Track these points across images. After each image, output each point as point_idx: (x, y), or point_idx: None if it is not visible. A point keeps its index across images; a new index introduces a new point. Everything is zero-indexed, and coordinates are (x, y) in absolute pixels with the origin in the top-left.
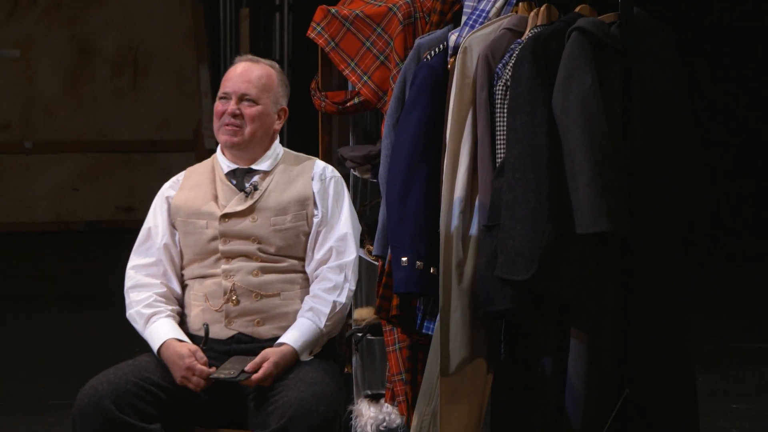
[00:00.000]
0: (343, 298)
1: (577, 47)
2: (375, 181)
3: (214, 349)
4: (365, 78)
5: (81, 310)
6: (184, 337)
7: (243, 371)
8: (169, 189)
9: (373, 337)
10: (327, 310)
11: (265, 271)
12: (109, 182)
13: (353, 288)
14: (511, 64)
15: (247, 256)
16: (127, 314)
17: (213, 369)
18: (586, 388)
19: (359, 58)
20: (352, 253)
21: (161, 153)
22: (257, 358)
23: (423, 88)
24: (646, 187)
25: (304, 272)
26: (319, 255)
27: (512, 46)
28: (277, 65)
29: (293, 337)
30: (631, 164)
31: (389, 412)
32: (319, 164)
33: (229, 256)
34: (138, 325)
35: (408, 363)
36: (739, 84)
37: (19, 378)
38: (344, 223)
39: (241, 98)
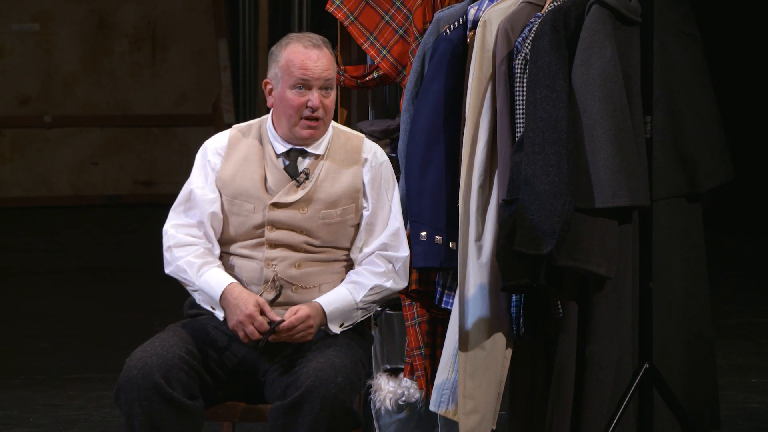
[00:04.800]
0: (388, 284)
1: (597, 20)
2: (394, 155)
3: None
4: (384, 52)
5: (100, 284)
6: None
7: (279, 320)
8: (215, 155)
9: (392, 312)
10: (369, 285)
11: (307, 262)
12: (128, 156)
13: (402, 287)
14: (530, 38)
15: (292, 246)
16: (170, 269)
17: (270, 316)
18: (606, 362)
19: (378, 32)
20: (405, 249)
21: (180, 127)
22: (290, 310)
23: (442, 62)
24: (666, 160)
25: (346, 260)
26: (368, 249)
27: (532, 20)
28: (326, 40)
29: (326, 299)
30: (650, 137)
31: (408, 387)
32: (368, 147)
33: (274, 244)
34: (188, 275)
35: (427, 337)
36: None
37: (39, 351)
38: (396, 215)
39: (322, 86)
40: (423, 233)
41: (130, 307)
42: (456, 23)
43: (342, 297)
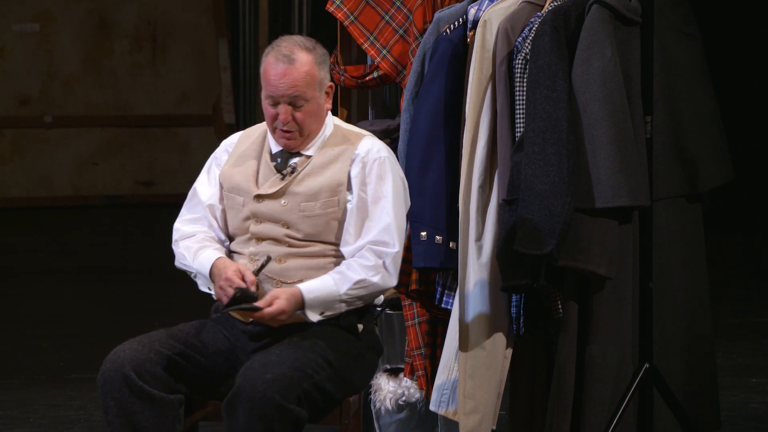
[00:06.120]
0: (376, 279)
1: (597, 21)
2: None
3: (237, 326)
4: (384, 52)
5: (101, 284)
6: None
7: (254, 305)
8: (223, 152)
9: (392, 312)
10: (355, 278)
11: (290, 256)
12: (128, 157)
13: (391, 284)
14: (530, 38)
15: (276, 239)
16: (176, 261)
17: (250, 284)
18: (606, 362)
19: (378, 32)
20: (396, 245)
21: (180, 127)
22: (267, 296)
23: (442, 62)
24: (667, 160)
25: (333, 257)
26: (360, 242)
27: (532, 20)
28: (310, 43)
29: (308, 286)
30: (651, 138)
31: (408, 387)
32: (365, 144)
33: (259, 238)
34: (187, 260)
35: (427, 337)
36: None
37: (40, 352)
38: (388, 211)
39: (291, 103)
40: (423, 233)
41: (131, 307)
42: (456, 23)
43: (326, 286)
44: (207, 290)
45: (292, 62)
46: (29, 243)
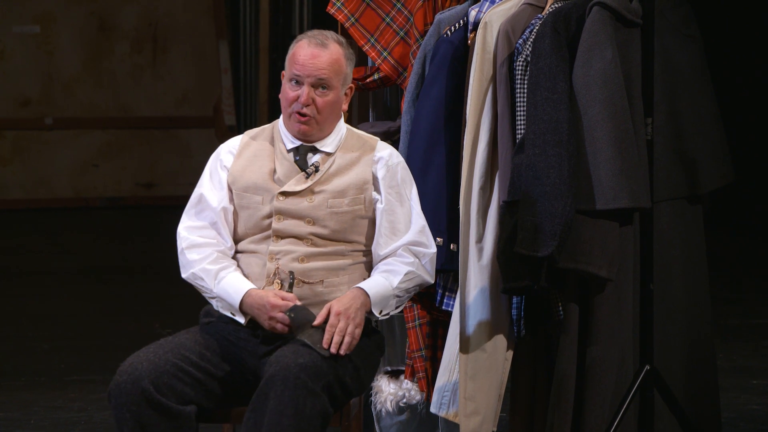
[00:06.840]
0: (420, 272)
1: (597, 22)
2: None
3: (243, 330)
4: (385, 54)
5: (101, 285)
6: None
7: (322, 346)
8: (227, 154)
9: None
10: (403, 271)
11: (311, 257)
12: (128, 158)
13: (430, 282)
14: (531, 40)
15: (298, 237)
16: (187, 274)
17: (292, 301)
18: (607, 364)
19: (379, 33)
20: (433, 246)
21: (181, 129)
22: (328, 330)
23: (443, 63)
24: (667, 162)
25: (351, 258)
26: (395, 245)
27: (533, 22)
28: (343, 40)
29: (366, 284)
30: (651, 139)
31: (409, 389)
32: (384, 148)
33: (280, 236)
34: (206, 282)
35: (428, 339)
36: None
37: (40, 353)
38: (420, 214)
39: (315, 85)
40: None
41: (131, 309)
42: (457, 25)
43: (379, 282)
44: (230, 315)
45: (325, 47)
46: (30, 244)
